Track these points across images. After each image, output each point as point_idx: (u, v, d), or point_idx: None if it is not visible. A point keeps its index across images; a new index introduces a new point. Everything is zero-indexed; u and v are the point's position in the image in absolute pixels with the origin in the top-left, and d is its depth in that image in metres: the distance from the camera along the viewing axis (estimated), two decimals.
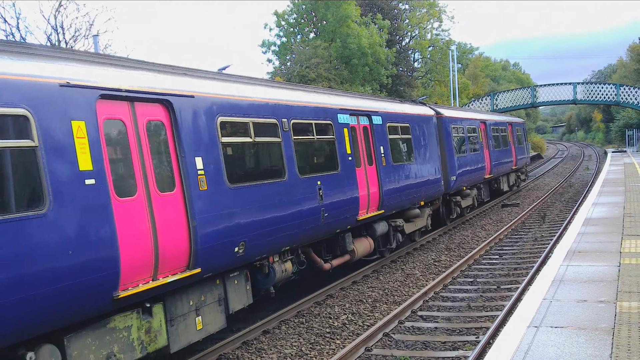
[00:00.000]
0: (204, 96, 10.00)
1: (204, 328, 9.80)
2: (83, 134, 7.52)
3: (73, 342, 7.43)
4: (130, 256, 7.95)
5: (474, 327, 11.50)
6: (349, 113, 15.18)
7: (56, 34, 29.61)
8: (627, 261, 11.53)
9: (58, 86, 7.35)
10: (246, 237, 10.37)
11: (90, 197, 7.46)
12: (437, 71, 65.73)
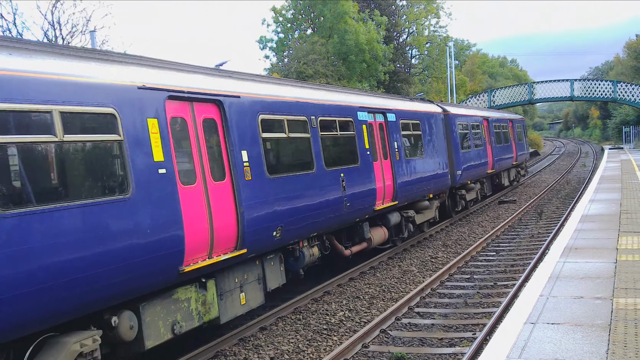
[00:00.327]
0: (248, 96, 11.22)
1: (246, 303, 11.08)
2: (156, 130, 8.76)
3: (146, 309, 8.70)
4: (192, 236, 9.14)
5: (470, 324, 11.52)
6: (367, 111, 16.37)
7: (53, 30, 29.55)
8: (623, 258, 11.55)
9: (136, 88, 8.56)
10: (282, 223, 11.58)
11: (162, 184, 8.69)
12: (434, 68, 65.76)
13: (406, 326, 11.66)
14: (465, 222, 24.36)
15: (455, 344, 10.46)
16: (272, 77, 13.49)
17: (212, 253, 9.74)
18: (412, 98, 25.43)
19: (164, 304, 9.01)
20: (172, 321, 9.14)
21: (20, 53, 7.30)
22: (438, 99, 58.67)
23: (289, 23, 54.69)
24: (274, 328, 11.81)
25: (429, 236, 21.18)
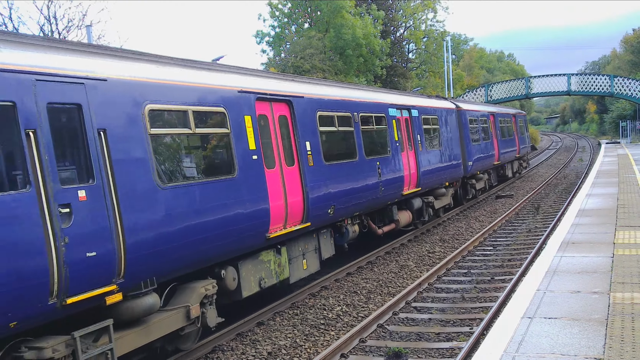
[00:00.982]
0: (309, 96, 13.56)
1: (307, 269, 13.39)
2: (250, 125, 11.07)
3: (242, 266, 10.97)
4: (274, 210, 11.42)
5: (468, 318, 11.53)
6: (396, 107, 18.65)
7: (49, 25, 29.44)
8: (620, 252, 11.56)
9: (237, 92, 10.92)
10: (335, 202, 13.81)
11: (255, 168, 11.02)
12: (431, 62, 65.64)
13: (403, 321, 11.67)
14: (463, 217, 24.38)
15: (452, 339, 10.48)
16: (325, 80, 17.34)
17: (286, 224, 12.07)
18: (430, 95, 27.74)
19: (253, 263, 11.31)
20: (259, 277, 11.48)
21: (164, 65, 9.68)
22: (435, 93, 58.64)
23: (285, 17, 54.56)
24: (272, 323, 11.81)
25: (425, 231, 21.20)
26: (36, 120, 7.03)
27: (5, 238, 6.54)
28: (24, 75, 7.03)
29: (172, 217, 8.84)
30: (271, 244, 11.67)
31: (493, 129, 31.80)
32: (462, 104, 28.00)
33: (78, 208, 7.38)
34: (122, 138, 8.26)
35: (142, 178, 8.46)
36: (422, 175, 19.61)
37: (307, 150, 12.93)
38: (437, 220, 22.67)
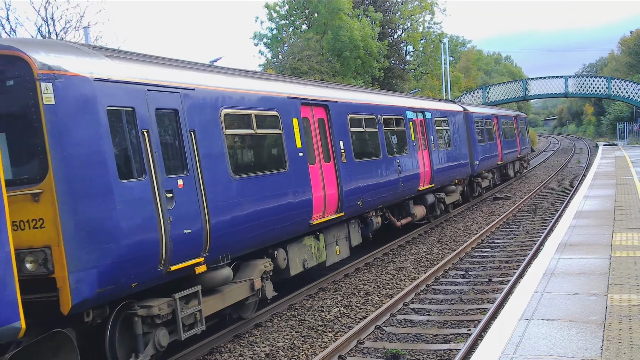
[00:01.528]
0: (342, 101, 15.45)
1: (339, 254, 14.97)
2: (297, 126, 12.88)
3: (290, 248, 12.65)
4: (315, 200, 13.13)
5: (465, 320, 11.53)
6: (412, 110, 20.48)
7: (47, 26, 29.42)
8: (618, 254, 11.58)
9: (286, 98, 12.74)
10: (363, 195, 15.47)
11: (301, 163, 12.82)
12: (429, 64, 65.66)
13: (401, 322, 11.67)
14: (460, 219, 24.40)
15: (450, 340, 10.48)
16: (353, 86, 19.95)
17: (325, 213, 13.78)
18: (441, 99, 30.63)
19: (298, 246, 13.01)
20: (303, 259, 13.20)
21: (232, 76, 11.64)
22: (433, 95, 58.67)
23: (283, 19, 54.57)
24: (269, 324, 11.81)
25: (423, 232, 21.21)
26: (148, 122, 8.79)
27: (130, 215, 8.24)
28: (140, 86, 8.83)
29: (241, 204, 10.63)
30: (312, 230, 13.47)
31: (497, 130, 33.40)
32: (469, 107, 30.00)
33: (178, 194, 9.12)
34: (206, 137, 10.02)
35: (220, 170, 10.28)
36: (435, 173, 21.30)
37: (340, 148, 14.73)
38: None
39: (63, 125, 7.70)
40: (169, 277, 9.02)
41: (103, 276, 7.86)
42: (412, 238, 20.20)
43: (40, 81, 7.51)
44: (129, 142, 8.55)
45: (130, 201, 8.27)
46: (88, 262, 7.72)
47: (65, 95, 7.79)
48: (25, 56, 7.57)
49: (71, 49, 8.52)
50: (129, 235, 8.20)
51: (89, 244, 7.75)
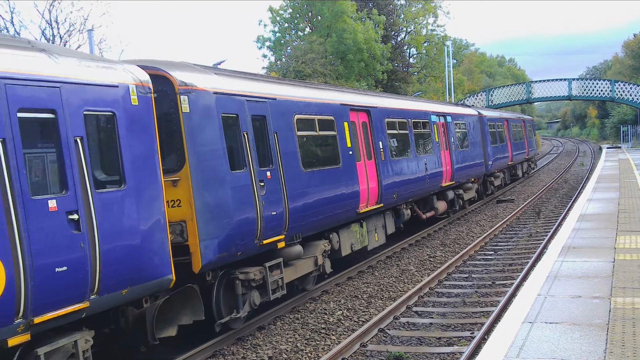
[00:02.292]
0: (380, 107, 17.74)
1: (378, 240, 16.94)
2: (347, 128, 15.08)
3: (341, 233, 14.72)
4: (361, 192, 15.28)
5: (468, 323, 11.52)
6: (436, 114, 22.71)
7: (50, 29, 29.55)
8: (621, 257, 11.57)
9: (339, 104, 15.13)
10: (398, 190, 17.62)
11: (351, 160, 15.00)
12: (432, 67, 65.71)
13: (404, 325, 11.66)
14: (464, 221, 24.38)
15: (453, 343, 10.47)
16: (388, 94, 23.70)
17: (368, 204, 15.78)
18: (457, 104, 33.60)
19: (347, 231, 15.01)
20: (351, 242, 15.16)
21: (300, 87, 14.31)
22: (436, 98, 58.71)
23: (286, 22, 54.64)
24: (272, 327, 11.81)
25: (427, 235, 21.20)
26: (247, 125, 11.07)
27: (238, 198, 10.50)
28: (241, 97, 11.11)
29: (309, 193, 12.84)
30: (358, 218, 15.49)
31: (507, 133, 35.74)
32: (483, 111, 32.62)
33: (267, 183, 11.39)
34: (284, 137, 12.26)
35: (294, 165, 12.52)
36: (455, 171, 23.58)
37: (380, 148, 16.82)
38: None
39: (195, 128, 9.98)
40: (260, 249, 11.25)
41: (221, 245, 10.10)
42: (415, 241, 20.20)
43: (180, 94, 9.80)
44: (235, 141, 10.85)
45: (238, 187, 10.57)
46: (212, 234, 9.92)
47: (196, 105, 10.04)
48: (169, 75, 9.79)
49: (195, 68, 10.81)
50: (238, 214, 10.49)
51: (212, 220, 9.99)
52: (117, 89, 8.38)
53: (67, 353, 7.44)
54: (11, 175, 6.70)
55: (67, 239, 7.28)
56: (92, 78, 8.05)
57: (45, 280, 6.91)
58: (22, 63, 7.19)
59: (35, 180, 7.44)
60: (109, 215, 7.87)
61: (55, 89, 7.41)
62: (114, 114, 8.24)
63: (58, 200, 7.23)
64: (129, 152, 8.35)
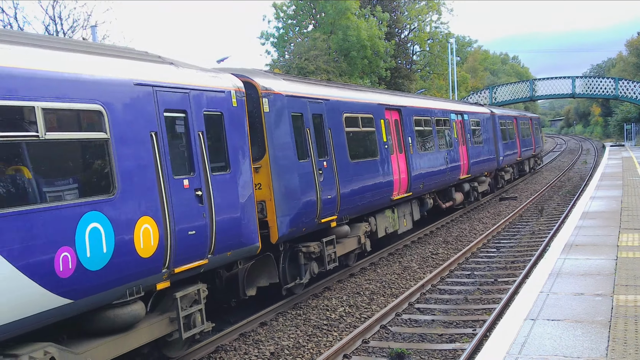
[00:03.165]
0: (409, 106, 19.89)
1: (406, 225, 18.95)
2: (383, 125, 17.06)
3: (377, 217, 16.69)
4: (395, 181, 17.29)
5: (470, 320, 11.52)
6: (454, 113, 24.95)
7: (54, 25, 29.54)
8: (624, 255, 11.56)
9: (377, 104, 17.21)
10: (423, 181, 19.70)
11: (387, 153, 17.05)
12: (435, 64, 65.59)
13: (406, 322, 11.67)
14: (466, 219, 24.38)
15: (455, 340, 10.47)
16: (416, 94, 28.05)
17: (399, 192, 17.66)
18: (472, 103, 35.97)
19: (382, 216, 16.96)
20: (385, 226, 17.11)
21: (347, 90, 16.72)
22: (439, 95, 58.63)
23: (290, 19, 54.58)
24: (274, 323, 11.82)
25: (429, 232, 21.20)
26: (309, 123, 13.19)
27: (304, 183, 12.62)
28: (304, 99, 13.32)
29: (354, 181, 14.85)
30: (391, 205, 17.48)
31: (516, 130, 37.87)
32: (495, 109, 34.77)
33: (324, 171, 13.47)
34: (336, 132, 14.38)
35: (344, 156, 14.60)
36: (471, 165, 25.65)
37: (409, 143, 18.89)
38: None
39: (272, 125, 12.14)
40: (318, 227, 13.32)
41: (292, 221, 12.24)
42: (418, 238, 20.21)
43: (262, 97, 11.93)
44: (301, 136, 12.90)
45: (303, 174, 12.70)
46: (285, 212, 12.07)
47: (273, 105, 12.17)
48: (254, 82, 11.90)
49: (269, 75, 13.38)
50: (304, 196, 12.58)
51: (286, 200, 12.11)
52: (223, 94, 10.53)
53: (192, 299, 9.45)
54: (160, 159, 8.70)
55: (195, 209, 9.29)
56: (207, 85, 10.13)
57: (182, 240, 8.92)
58: (164, 74, 9.27)
59: (174, 163, 9.09)
60: (220, 193, 9.91)
61: (185, 94, 9.49)
62: (222, 114, 10.34)
63: (189, 179, 9.29)
64: (231, 144, 10.45)
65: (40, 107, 7.03)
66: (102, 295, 7.75)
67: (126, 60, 8.87)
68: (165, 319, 9.05)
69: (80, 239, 7.34)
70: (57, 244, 7.04)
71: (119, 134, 8.11)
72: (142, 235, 8.27)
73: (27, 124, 7.00)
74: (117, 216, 7.90)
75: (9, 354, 6.79)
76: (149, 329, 8.75)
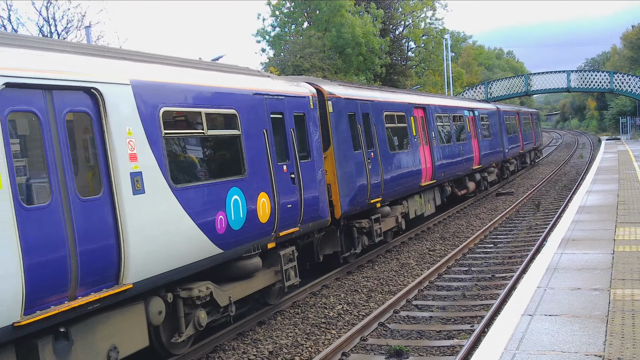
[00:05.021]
0: (432, 104, 22.70)
1: (430, 209, 21.40)
2: (412, 121, 19.85)
3: (409, 201, 19.24)
4: (422, 170, 19.88)
5: (468, 316, 11.54)
6: (467, 110, 27.83)
7: (48, 26, 29.45)
8: (621, 249, 11.58)
9: (408, 103, 19.92)
10: (444, 170, 22.38)
11: (416, 145, 19.71)
12: (430, 60, 65.57)
13: (404, 319, 11.68)
14: (463, 215, 24.40)
15: (453, 337, 10.48)
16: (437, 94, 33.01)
17: (426, 180, 20.21)
18: (481, 101, 40.23)
19: (412, 200, 19.47)
20: (415, 209, 19.69)
21: (384, 92, 19.58)
22: (435, 91, 58.62)
23: (285, 17, 54.49)
24: (273, 322, 11.82)
25: (426, 229, 21.22)
26: (360, 121, 15.80)
27: (358, 170, 15.24)
28: (356, 100, 15.98)
29: (393, 169, 17.55)
30: (419, 190, 20.06)
31: (519, 125, 40.65)
32: (501, 105, 38.56)
33: (371, 160, 16.00)
34: (379, 128, 17.02)
35: (385, 148, 17.18)
36: (482, 156, 28.35)
37: (432, 136, 21.54)
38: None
39: (335, 122, 14.79)
40: (368, 207, 15.83)
41: (350, 201, 14.80)
42: (415, 235, 20.22)
43: (327, 100, 14.56)
44: (355, 131, 15.52)
45: (357, 163, 15.29)
46: (345, 193, 14.68)
47: (335, 106, 14.86)
48: (322, 88, 14.54)
49: (330, 82, 16.37)
50: (358, 180, 15.18)
51: (345, 184, 14.72)
52: (304, 99, 13.34)
53: (288, 257, 12.11)
54: (269, 149, 11.44)
55: (291, 188, 12.05)
56: (294, 92, 12.97)
57: (284, 211, 11.63)
58: (268, 85, 12.08)
59: (277, 153, 11.77)
60: (305, 177, 12.62)
61: (282, 100, 12.26)
62: (304, 114, 13.14)
63: (286, 165, 12.01)
64: (311, 138, 13.20)
65: (204, 112, 9.85)
66: (239, 248, 10.43)
67: (243, 75, 11.69)
68: (272, 271, 11.75)
69: (228, 207, 10.02)
70: (217, 209, 9.72)
71: (246, 131, 10.86)
72: (261, 205, 10.95)
73: (196, 124, 9.85)
74: (247, 191, 10.59)
75: (186, 287, 9.47)
76: (263, 277, 11.49)
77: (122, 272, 7.81)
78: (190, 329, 9.61)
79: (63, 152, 7.19)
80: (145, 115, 8.56)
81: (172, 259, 8.74)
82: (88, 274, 7.32)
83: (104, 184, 7.74)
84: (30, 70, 7.02)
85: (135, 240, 7.93)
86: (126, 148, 8.07)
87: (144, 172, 8.33)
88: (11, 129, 6.81)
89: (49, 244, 6.89)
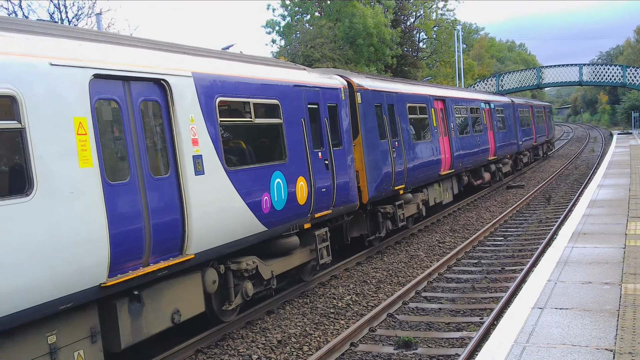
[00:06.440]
0: (450, 97, 23.45)
1: (448, 198, 22.25)
2: (433, 113, 20.52)
3: (429, 189, 19.84)
4: (442, 159, 20.56)
5: (478, 308, 11.51)
6: (483, 102, 28.61)
7: (59, 13, 29.46)
8: (632, 243, 11.50)
9: (428, 95, 20.76)
10: (462, 160, 23.10)
11: (437, 136, 20.61)
12: (442, 51, 65.27)
13: (413, 310, 11.67)
14: (473, 207, 24.32)
15: (462, 329, 10.46)
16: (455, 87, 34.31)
17: (445, 169, 20.87)
18: (496, 93, 40.89)
19: (431, 188, 20.17)
20: (434, 196, 20.46)
21: (406, 85, 20.27)
22: (446, 83, 58.40)
23: (296, 7, 54.32)
24: (281, 312, 11.84)
25: (436, 221, 21.17)
26: (385, 111, 16.54)
27: (383, 158, 16.00)
28: (382, 92, 16.72)
29: (416, 158, 18.29)
30: (438, 179, 20.71)
31: (532, 117, 41.52)
32: (515, 98, 39.00)
33: (396, 149, 16.79)
34: (402, 119, 17.74)
35: (408, 138, 17.97)
36: (497, 148, 29.14)
37: (451, 127, 22.22)
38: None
39: (364, 112, 15.49)
40: (392, 193, 16.63)
41: (376, 187, 15.59)
42: (425, 227, 20.18)
43: (356, 92, 15.31)
44: (381, 120, 16.28)
45: (383, 151, 16.07)
46: (372, 179, 15.44)
47: (364, 97, 15.59)
48: (351, 80, 15.34)
49: (358, 74, 17.22)
50: (383, 168, 15.98)
51: (372, 171, 15.49)
52: (337, 90, 14.18)
53: (321, 237, 12.98)
54: (307, 137, 12.25)
55: (325, 173, 12.88)
56: (328, 84, 13.83)
57: (318, 195, 12.51)
58: (305, 77, 12.95)
59: (313, 140, 12.59)
60: (337, 163, 13.47)
61: (317, 91, 13.10)
62: (337, 105, 13.96)
63: (321, 152, 12.85)
64: (342, 127, 14.01)
65: (252, 102, 10.76)
66: (281, 227, 11.30)
67: (284, 69, 12.60)
68: (307, 250, 12.65)
69: (272, 189, 10.90)
70: (263, 190, 10.63)
71: (287, 119, 11.70)
72: (299, 188, 11.84)
73: (245, 113, 10.74)
74: (288, 175, 11.46)
75: (235, 261, 10.34)
76: (300, 255, 12.42)
77: (186, 244, 8.76)
78: (239, 299, 10.54)
79: (139, 136, 8.10)
80: (204, 104, 9.45)
81: (225, 234, 9.64)
82: (158, 244, 8.27)
83: (171, 165, 8.65)
84: (112, 62, 7.90)
85: (196, 216, 8.83)
86: (189, 133, 8.98)
87: (204, 155, 9.25)
88: (98, 114, 7.65)
89: (128, 215, 7.84)
